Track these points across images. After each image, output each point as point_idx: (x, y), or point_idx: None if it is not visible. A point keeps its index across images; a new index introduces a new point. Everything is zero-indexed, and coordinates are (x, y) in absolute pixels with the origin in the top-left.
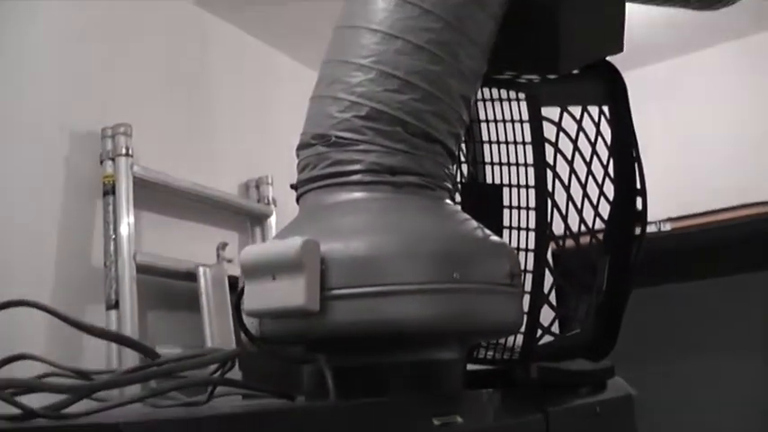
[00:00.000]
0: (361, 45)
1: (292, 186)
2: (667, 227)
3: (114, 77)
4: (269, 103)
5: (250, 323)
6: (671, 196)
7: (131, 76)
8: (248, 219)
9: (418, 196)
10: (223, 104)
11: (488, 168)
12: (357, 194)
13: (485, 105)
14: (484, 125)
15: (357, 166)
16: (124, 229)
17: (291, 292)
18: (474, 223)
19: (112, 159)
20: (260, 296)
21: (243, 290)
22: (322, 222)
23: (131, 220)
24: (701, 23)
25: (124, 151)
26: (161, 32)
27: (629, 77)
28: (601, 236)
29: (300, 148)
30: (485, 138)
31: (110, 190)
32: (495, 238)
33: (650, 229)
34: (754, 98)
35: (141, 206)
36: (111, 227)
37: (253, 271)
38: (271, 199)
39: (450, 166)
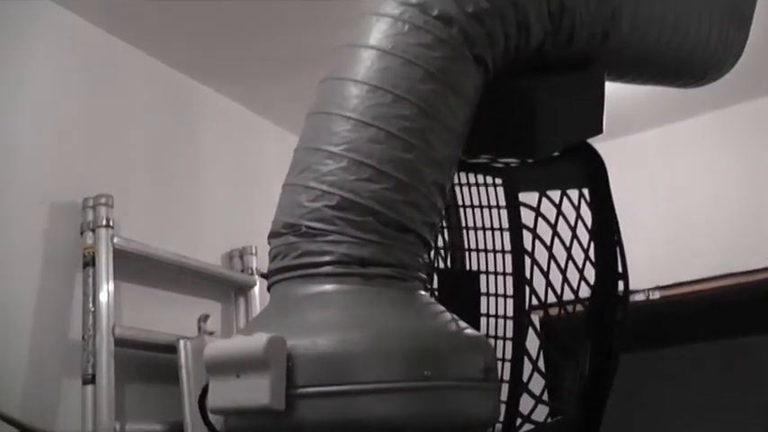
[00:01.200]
0: (332, 132)
1: (263, 275)
2: (656, 295)
3: (96, 147)
4: (253, 172)
5: (215, 418)
6: (659, 264)
7: (113, 146)
8: (232, 289)
9: (390, 288)
10: (207, 173)
11: (466, 254)
12: (327, 287)
13: (461, 190)
14: (461, 210)
15: (327, 258)
16: (103, 302)
17: (256, 391)
18: (448, 316)
19: (93, 230)
20: (224, 393)
21: (207, 386)
22: (290, 316)
23: (111, 291)
24: (689, 92)
25: (105, 222)
26: (144, 101)
27: (617, 145)
28: (582, 316)
29: (271, 236)
30: (462, 223)
31: (90, 261)
32: (469, 331)
33: (639, 297)
34: (741, 167)
35: (122, 278)
36: (91, 299)
37: (217, 368)
38: (255, 269)
39: (425, 256)
